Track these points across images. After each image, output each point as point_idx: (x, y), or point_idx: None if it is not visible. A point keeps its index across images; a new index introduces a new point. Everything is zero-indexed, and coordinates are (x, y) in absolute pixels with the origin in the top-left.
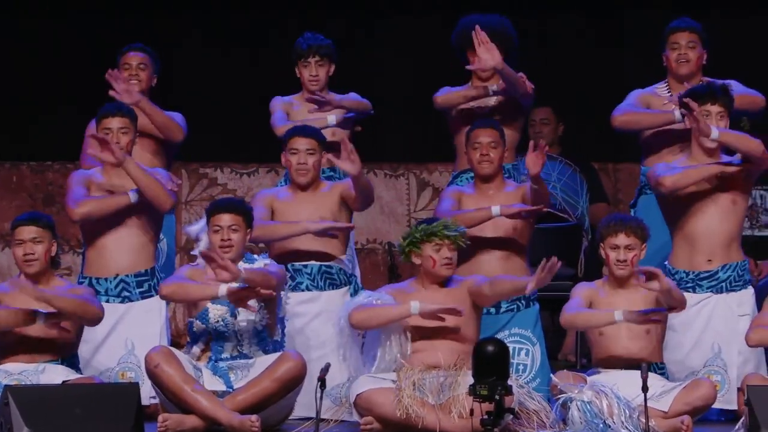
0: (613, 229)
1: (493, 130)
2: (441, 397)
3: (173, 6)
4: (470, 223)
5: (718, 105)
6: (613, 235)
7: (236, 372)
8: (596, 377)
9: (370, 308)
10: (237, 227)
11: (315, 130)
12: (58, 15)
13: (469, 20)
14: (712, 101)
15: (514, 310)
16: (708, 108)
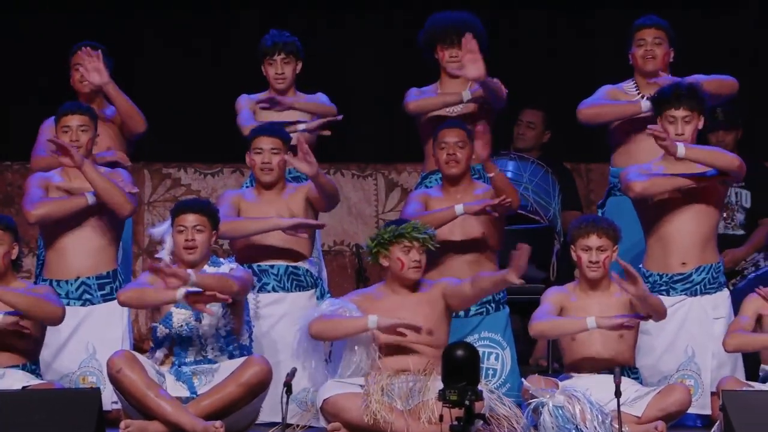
0: (584, 230)
1: (460, 130)
2: (410, 402)
3: (133, 5)
4: (436, 224)
5: (683, 109)
6: (585, 236)
7: (200, 377)
8: (568, 382)
9: (328, 320)
10: (202, 228)
11: (280, 129)
12: (13, 14)
13: (438, 17)
14: (676, 105)
15: (484, 314)
16: (673, 113)
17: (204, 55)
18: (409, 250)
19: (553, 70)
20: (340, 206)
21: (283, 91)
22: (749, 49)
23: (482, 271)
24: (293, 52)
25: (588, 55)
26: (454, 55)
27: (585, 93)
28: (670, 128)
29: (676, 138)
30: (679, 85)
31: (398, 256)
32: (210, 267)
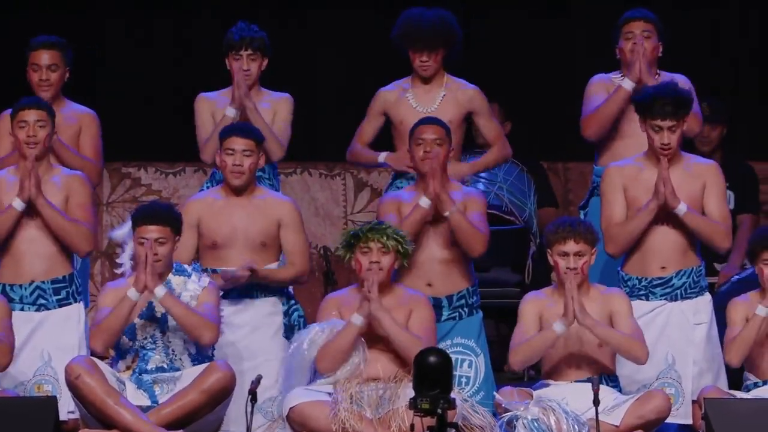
0: (561, 235)
1: (438, 127)
2: (380, 410)
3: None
4: (411, 229)
5: (670, 119)
6: (562, 241)
7: (161, 385)
8: (544, 390)
9: (328, 348)
10: (164, 239)
11: (254, 129)
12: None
13: (412, 17)
14: (662, 116)
15: (456, 319)
16: (659, 123)
17: (165, 51)
18: (367, 251)
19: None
20: (308, 207)
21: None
22: (732, 45)
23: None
24: (261, 48)
25: (565, 50)
26: (424, 60)
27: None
28: (655, 137)
29: (661, 147)
30: (663, 94)
31: (357, 258)
32: (174, 275)
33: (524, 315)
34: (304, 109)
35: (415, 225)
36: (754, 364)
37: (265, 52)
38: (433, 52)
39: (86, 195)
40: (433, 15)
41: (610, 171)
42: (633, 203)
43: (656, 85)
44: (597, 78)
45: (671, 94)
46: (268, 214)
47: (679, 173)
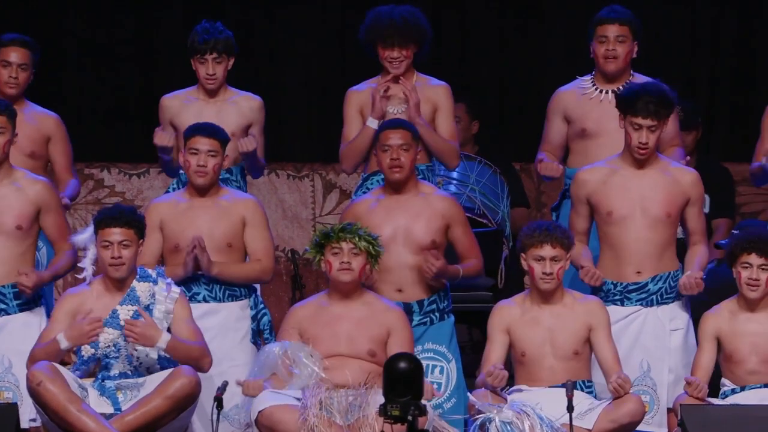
0: (537, 239)
1: (404, 130)
2: (349, 417)
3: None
4: (358, 151)
5: (651, 118)
6: (538, 246)
7: (125, 392)
8: (518, 395)
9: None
10: (128, 242)
11: (218, 129)
12: None
13: (380, 13)
14: (644, 114)
15: (427, 324)
16: (639, 121)
17: (129, 49)
18: (338, 252)
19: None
20: (275, 209)
21: (213, 91)
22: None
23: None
24: (226, 50)
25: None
26: (395, 56)
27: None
28: (634, 135)
29: (639, 145)
30: (648, 92)
31: (327, 258)
32: (138, 282)
33: (492, 332)
34: (272, 109)
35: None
36: (731, 371)
37: (231, 52)
38: (404, 48)
39: (59, 204)
40: (404, 11)
41: (577, 178)
42: (598, 206)
43: (642, 83)
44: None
45: (656, 92)
46: (233, 214)
47: (656, 177)
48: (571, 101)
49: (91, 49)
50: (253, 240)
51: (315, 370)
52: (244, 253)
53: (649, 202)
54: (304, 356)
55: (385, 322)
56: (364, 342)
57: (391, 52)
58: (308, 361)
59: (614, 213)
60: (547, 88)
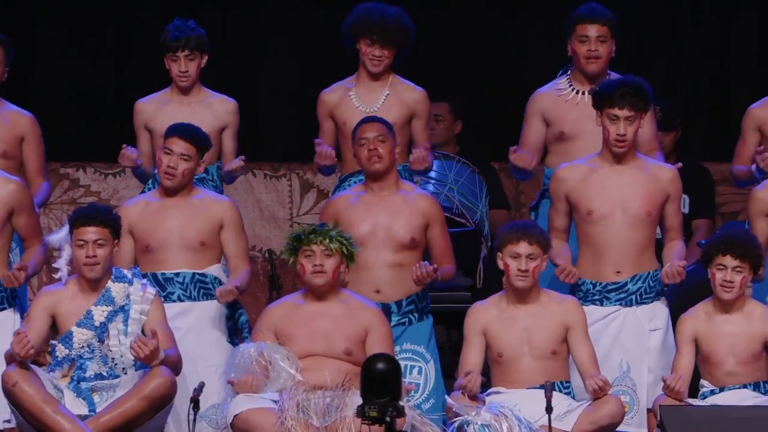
0: (514, 236)
1: (379, 124)
2: (327, 419)
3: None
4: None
5: (627, 108)
6: (515, 242)
7: (101, 393)
8: (496, 397)
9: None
10: (103, 242)
11: (198, 135)
12: None
13: (367, 8)
14: (620, 104)
15: (406, 324)
16: (616, 112)
17: (105, 49)
18: (310, 254)
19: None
20: (252, 209)
21: (186, 88)
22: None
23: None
24: (198, 47)
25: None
26: (377, 54)
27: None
28: (611, 127)
29: (616, 138)
30: (624, 83)
31: (300, 261)
32: (114, 282)
33: (468, 335)
34: (249, 108)
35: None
36: (709, 372)
37: (203, 49)
38: (387, 48)
39: (32, 205)
40: (394, 12)
41: (556, 175)
42: (578, 205)
43: (618, 77)
44: (533, 97)
45: (632, 84)
46: (208, 214)
47: (635, 175)
48: (548, 103)
49: (66, 47)
50: (231, 242)
51: (291, 373)
52: (219, 252)
53: (630, 200)
54: (280, 359)
55: (363, 320)
56: (341, 341)
57: (374, 49)
58: (285, 364)
59: (594, 212)
60: (527, 87)
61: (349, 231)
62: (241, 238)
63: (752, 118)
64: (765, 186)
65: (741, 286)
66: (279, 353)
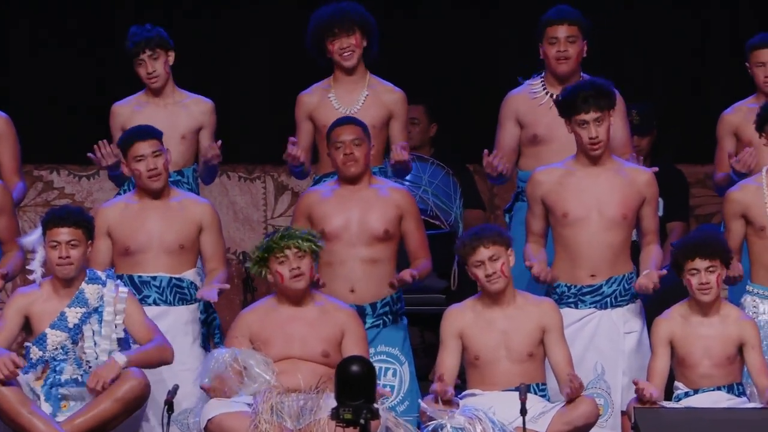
0: (469, 246)
1: (355, 126)
2: (301, 421)
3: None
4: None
5: (593, 110)
6: (472, 252)
7: (71, 403)
8: (471, 400)
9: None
10: (77, 242)
11: (152, 129)
12: None
13: (319, 10)
14: (585, 109)
15: (380, 326)
16: (583, 117)
17: (78, 50)
18: (284, 260)
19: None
20: (226, 211)
21: (159, 89)
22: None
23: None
24: (159, 44)
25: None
26: (344, 46)
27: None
28: (583, 132)
29: (590, 141)
30: (582, 87)
31: (276, 269)
32: (87, 284)
33: (444, 338)
34: (223, 110)
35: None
36: (684, 374)
37: (166, 46)
38: (350, 34)
39: (11, 206)
40: (345, 3)
41: (533, 178)
42: (554, 207)
43: (574, 83)
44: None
45: (590, 85)
46: (187, 217)
47: (611, 178)
48: (522, 106)
49: (40, 49)
50: (209, 245)
51: (267, 378)
52: (196, 256)
53: (606, 203)
54: (255, 364)
55: (338, 322)
56: (318, 343)
57: (340, 41)
58: (260, 370)
59: (570, 214)
60: (501, 88)
61: (322, 225)
62: (220, 241)
63: (726, 124)
64: (740, 187)
65: (718, 285)
66: (254, 359)
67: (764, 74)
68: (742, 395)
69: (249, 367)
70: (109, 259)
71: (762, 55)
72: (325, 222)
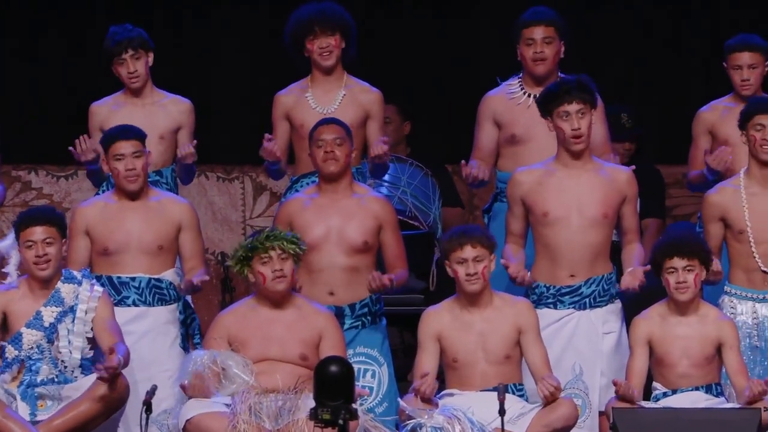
0: (456, 242)
1: (337, 126)
2: (279, 422)
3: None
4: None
5: (576, 102)
6: (458, 248)
7: (48, 405)
8: (449, 400)
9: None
10: (52, 240)
11: (135, 129)
12: None
13: (299, 9)
14: (568, 99)
15: (359, 327)
16: (566, 108)
17: (56, 51)
18: (268, 261)
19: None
20: (205, 211)
21: (139, 89)
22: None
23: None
24: (141, 45)
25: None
26: (323, 45)
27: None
28: (565, 125)
29: (573, 133)
30: (566, 80)
31: (258, 270)
32: (63, 283)
33: (422, 340)
34: (202, 110)
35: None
36: (662, 374)
37: (147, 47)
38: (330, 35)
39: None
40: (326, 3)
41: (513, 179)
42: (534, 207)
43: (555, 81)
44: (484, 100)
45: (573, 79)
46: (167, 217)
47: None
48: (499, 106)
49: (17, 49)
50: (189, 245)
51: (246, 379)
52: (175, 256)
53: (586, 203)
54: (234, 366)
55: (317, 325)
56: (296, 346)
57: (319, 41)
58: (239, 371)
59: (550, 214)
60: (480, 88)
61: (303, 234)
62: (199, 241)
63: (702, 122)
64: (718, 190)
65: (695, 284)
66: (233, 360)
67: (740, 77)
68: (721, 395)
69: (227, 368)
70: (87, 258)
71: (739, 59)
72: (306, 231)
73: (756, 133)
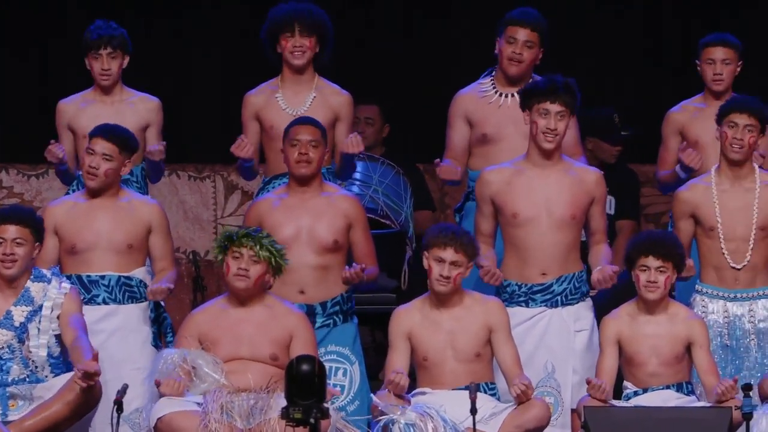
0: (442, 240)
1: (314, 128)
2: (251, 421)
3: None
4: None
5: (559, 103)
6: (442, 247)
7: (20, 402)
8: (421, 398)
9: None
10: (23, 240)
11: (121, 135)
12: None
13: (280, 6)
14: (552, 99)
15: (331, 326)
16: (547, 106)
17: (25, 49)
18: (238, 256)
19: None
20: (176, 210)
21: (108, 88)
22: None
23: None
24: (120, 45)
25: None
26: (297, 45)
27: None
28: (542, 121)
29: (546, 130)
30: (556, 80)
31: (227, 261)
32: (33, 282)
33: (393, 339)
34: (173, 109)
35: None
36: (632, 373)
37: (126, 49)
38: (306, 36)
39: None
40: (307, 4)
41: (482, 178)
42: (503, 207)
43: (545, 76)
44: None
45: (564, 81)
46: (136, 218)
47: (561, 177)
48: (471, 105)
49: None
50: (158, 245)
51: (216, 378)
52: (145, 256)
53: (555, 203)
54: (204, 365)
55: (288, 325)
56: (266, 346)
57: (295, 40)
58: (209, 370)
59: (519, 215)
60: (453, 87)
61: (273, 234)
62: (168, 241)
63: (672, 123)
64: (688, 187)
65: (665, 286)
66: (203, 359)
67: (713, 71)
68: (691, 394)
69: (198, 367)
70: (56, 257)
71: (713, 53)
72: (276, 231)
73: (728, 130)
